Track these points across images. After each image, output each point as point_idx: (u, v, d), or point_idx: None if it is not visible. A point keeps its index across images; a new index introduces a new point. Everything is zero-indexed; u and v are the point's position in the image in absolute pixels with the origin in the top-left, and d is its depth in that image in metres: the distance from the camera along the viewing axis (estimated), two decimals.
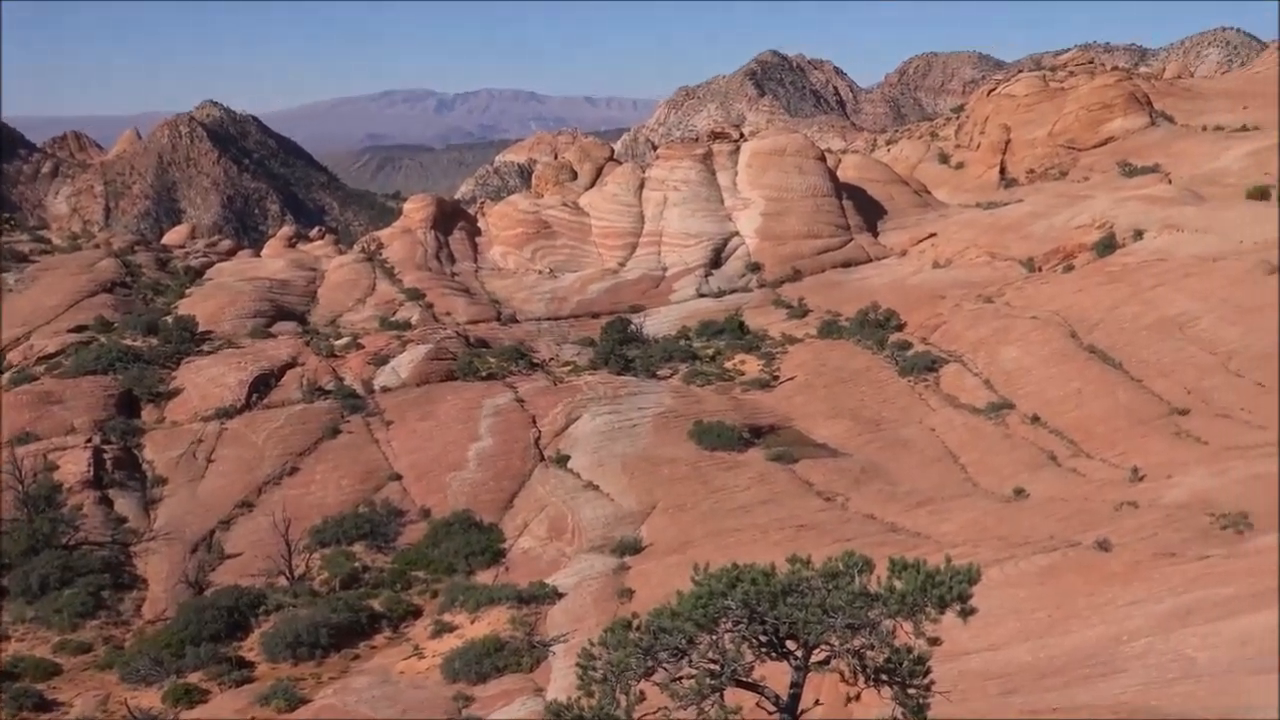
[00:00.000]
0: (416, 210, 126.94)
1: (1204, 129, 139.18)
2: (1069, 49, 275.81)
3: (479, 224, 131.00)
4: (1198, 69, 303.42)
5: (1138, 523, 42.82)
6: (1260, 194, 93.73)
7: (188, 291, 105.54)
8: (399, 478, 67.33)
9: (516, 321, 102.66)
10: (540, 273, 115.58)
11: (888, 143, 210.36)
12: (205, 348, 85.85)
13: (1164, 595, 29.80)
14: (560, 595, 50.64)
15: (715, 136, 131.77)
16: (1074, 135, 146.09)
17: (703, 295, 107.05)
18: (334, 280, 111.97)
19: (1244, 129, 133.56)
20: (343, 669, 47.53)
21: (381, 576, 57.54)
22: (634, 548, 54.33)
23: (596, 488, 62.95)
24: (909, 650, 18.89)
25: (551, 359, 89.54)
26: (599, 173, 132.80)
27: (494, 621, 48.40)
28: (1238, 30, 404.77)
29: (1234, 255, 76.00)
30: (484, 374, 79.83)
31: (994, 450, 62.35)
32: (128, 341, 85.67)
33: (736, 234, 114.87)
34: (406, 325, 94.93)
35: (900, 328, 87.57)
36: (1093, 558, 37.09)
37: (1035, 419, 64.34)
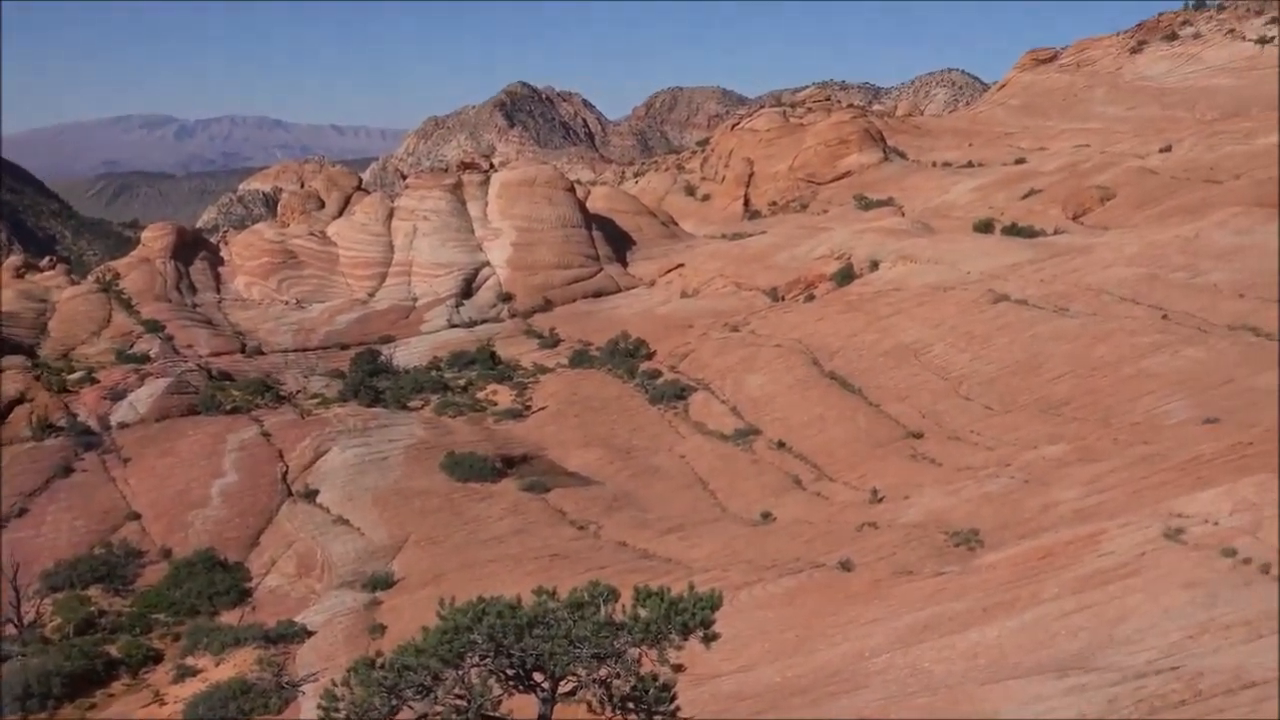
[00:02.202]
0: (155, 239, 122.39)
1: (933, 165, 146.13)
2: (807, 86, 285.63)
3: (222, 254, 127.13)
4: (927, 108, 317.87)
5: (878, 542, 44.23)
6: (985, 226, 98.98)
7: None
8: (138, 517, 64.57)
9: (262, 353, 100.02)
10: (286, 303, 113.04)
11: (636, 175, 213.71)
12: None
13: (902, 612, 30.83)
14: (310, 633, 49.34)
15: (465, 167, 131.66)
16: (813, 169, 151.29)
17: (454, 325, 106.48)
18: (66, 312, 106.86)
19: (969, 165, 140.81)
20: (79, 719, 45.22)
21: (119, 621, 54.94)
22: (386, 582, 53.37)
23: (347, 522, 61.67)
24: (655, 678, 19.12)
25: (299, 391, 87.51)
26: (347, 202, 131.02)
27: (240, 663, 46.82)
28: (962, 72, 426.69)
29: (962, 285, 79.87)
30: (228, 408, 77.44)
31: (742, 476, 63.63)
32: None
33: (487, 264, 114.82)
34: (145, 358, 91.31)
35: (650, 356, 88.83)
36: (836, 578, 38.19)
37: (781, 444, 65.95)
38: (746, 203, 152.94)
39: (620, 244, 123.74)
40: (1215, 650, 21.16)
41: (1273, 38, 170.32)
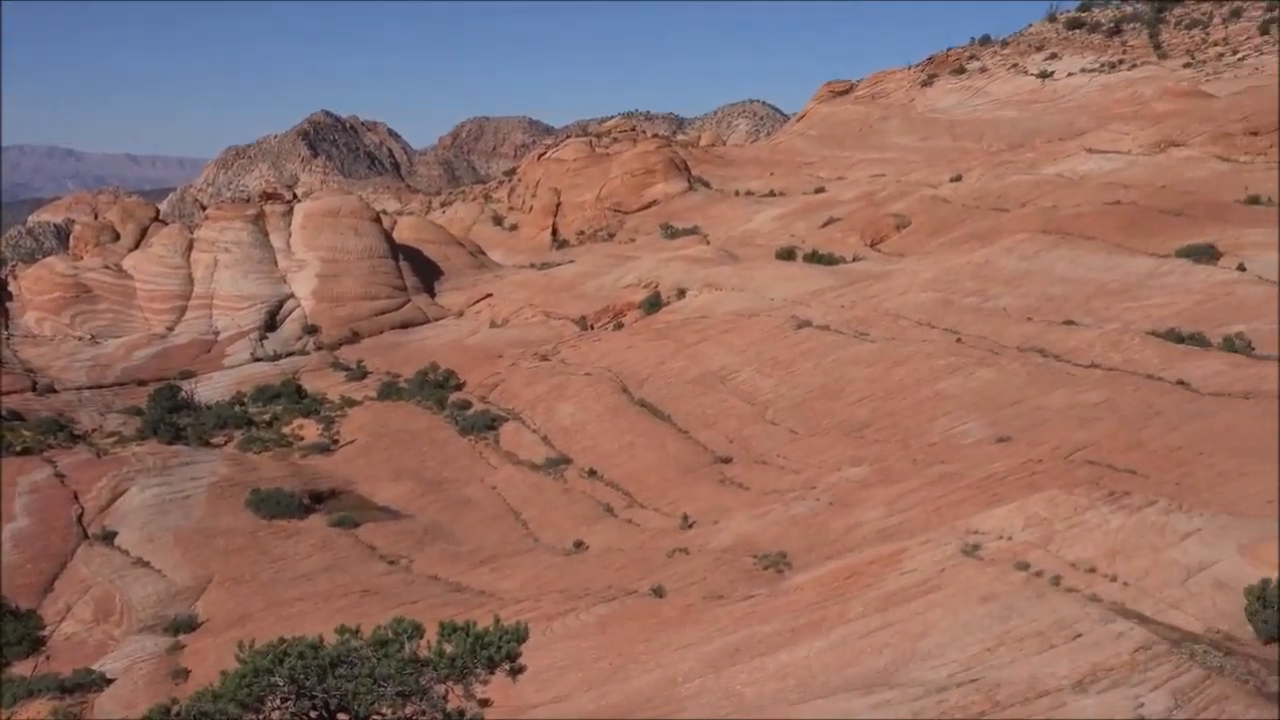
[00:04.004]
0: None
1: (737, 194, 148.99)
2: (613, 116, 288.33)
3: (10, 288, 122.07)
4: (730, 138, 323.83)
5: (689, 568, 44.69)
6: (787, 254, 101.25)
7: None
8: None
9: (55, 391, 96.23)
10: (80, 339, 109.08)
11: (443, 204, 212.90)
12: None
13: (714, 636, 31.18)
14: (109, 681, 47.54)
15: (267, 197, 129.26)
16: (620, 198, 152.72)
17: (258, 359, 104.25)
18: None
19: (771, 194, 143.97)
20: None
21: None
22: (189, 625, 51.78)
23: (147, 564, 59.66)
24: (461, 714, 18.97)
25: (95, 430, 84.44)
26: (144, 233, 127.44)
27: (34, 715, 44.83)
28: (763, 103, 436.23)
29: (766, 312, 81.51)
30: (18, 449, 74.17)
31: (554, 505, 63.62)
32: None
33: (292, 296, 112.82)
34: None
35: (460, 387, 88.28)
36: (648, 604, 38.43)
37: (592, 472, 66.14)
38: (554, 232, 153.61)
39: (428, 274, 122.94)
40: (1011, 661, 22.00)
41: (1052, 72, 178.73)
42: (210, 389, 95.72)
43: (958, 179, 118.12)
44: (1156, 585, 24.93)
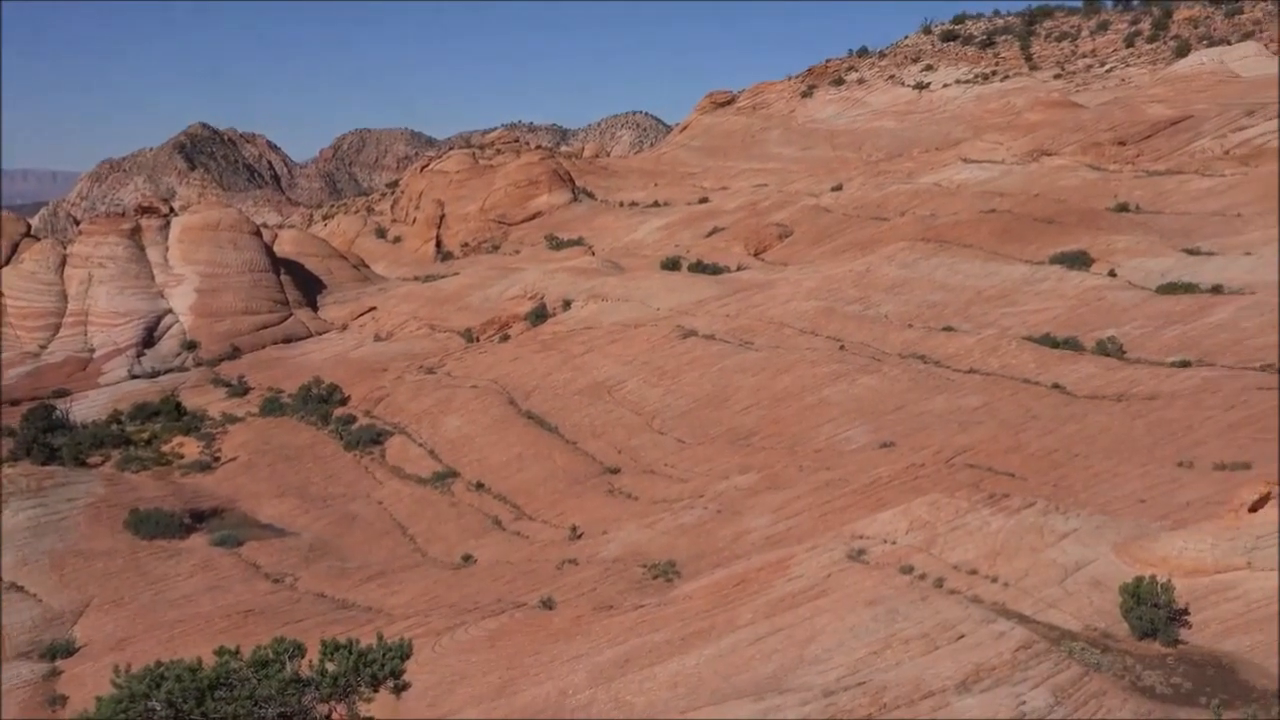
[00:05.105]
0: None
1: (621, 204, 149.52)
2: (496, 128, 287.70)
3: None
4: (613, 149, 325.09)
5: (578, 579, 44.72)
6: (672, 264, 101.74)
7: None
8: None
9: None
10: None
11: (324, 217, 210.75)
12: None
13: (604, 647, 31.24)
14: None
15: (143, 211, 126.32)
16: (504, 210, 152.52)
17: (135, 376, 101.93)
18: None
19: (656, 204, 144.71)
20: None
21: None
22: (67, 650, 50.48)
23: (22, 588, 57.98)
24: None
25: None
26: (14, 249, 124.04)
27: None
28: (646, 114, 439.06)
29: (652, 322, 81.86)
30: None
31: (441, 519, 63.20)
32: None
33: (170, 311, 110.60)
34: None
35: (344, 402, 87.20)
36: (538, 617, 38.35)
37: (480, 485, 65.81)
38: (439, 244, 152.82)
39: (310, 288, 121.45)
40: (897, 664, 22.36)
41: (928, 83, 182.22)
42: (86, 408, 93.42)
43: (838, 188, 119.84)
44: (1036, 585, 25.52)
